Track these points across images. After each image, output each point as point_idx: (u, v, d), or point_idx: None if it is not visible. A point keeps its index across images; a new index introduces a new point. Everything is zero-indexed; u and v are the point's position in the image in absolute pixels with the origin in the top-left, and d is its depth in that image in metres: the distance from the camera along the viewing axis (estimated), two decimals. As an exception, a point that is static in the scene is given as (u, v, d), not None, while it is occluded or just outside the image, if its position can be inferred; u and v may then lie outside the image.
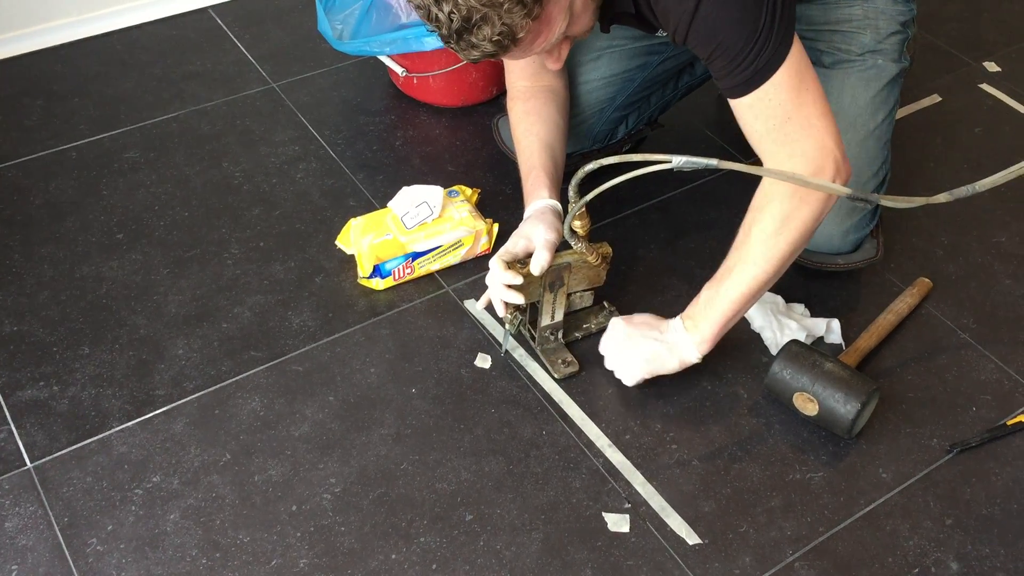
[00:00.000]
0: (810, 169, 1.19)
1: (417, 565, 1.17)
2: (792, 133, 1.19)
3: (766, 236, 1.21)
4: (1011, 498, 1.26)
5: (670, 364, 1.30)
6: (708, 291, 1.27)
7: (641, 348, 1.30)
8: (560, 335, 1.40)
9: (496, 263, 1.29)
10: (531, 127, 1.42)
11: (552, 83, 1.47)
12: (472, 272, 1.52)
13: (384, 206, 1.53)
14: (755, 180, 1.33)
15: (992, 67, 1.99)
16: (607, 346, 1.34)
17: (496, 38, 1.10)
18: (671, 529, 1.21)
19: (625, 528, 1.21)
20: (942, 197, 1.16)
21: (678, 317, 1.30)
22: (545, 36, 1.16)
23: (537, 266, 1.28)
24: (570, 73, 1.54)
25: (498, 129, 1.69)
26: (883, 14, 1.45)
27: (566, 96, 1.49)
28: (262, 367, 1.37)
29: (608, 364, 1.34)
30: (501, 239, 1.49)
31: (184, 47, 1.96)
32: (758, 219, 1.21)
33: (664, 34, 1.38)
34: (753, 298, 1.26)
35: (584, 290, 1.42)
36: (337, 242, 1.53)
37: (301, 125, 1.78)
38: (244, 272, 1.51)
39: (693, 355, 1.29)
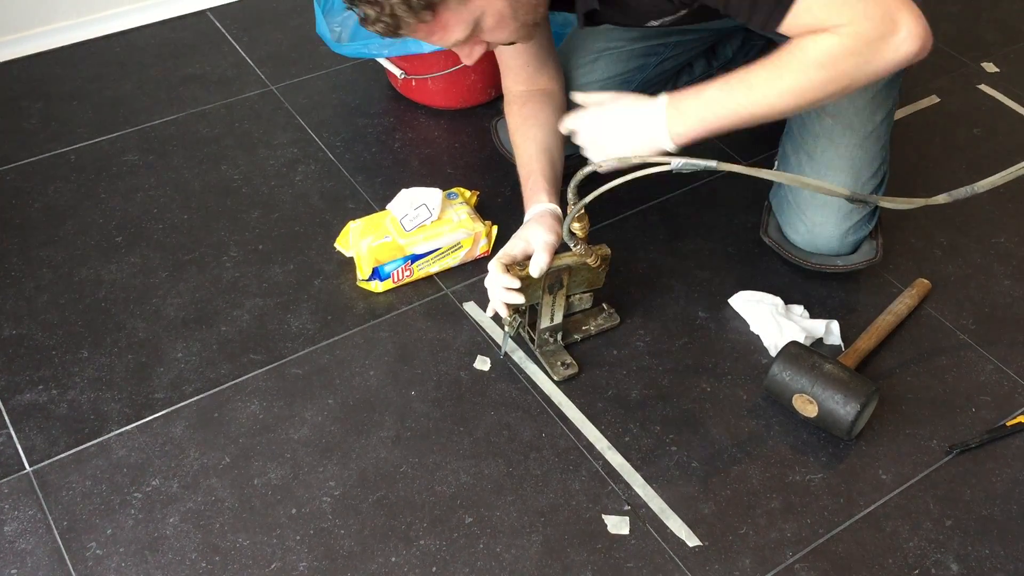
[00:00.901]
0: (870, 27, 1.09)
1: (417, 568, 1.17)
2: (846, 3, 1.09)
3: (803, 67, 1.13)
4: (1011, 499, 1.26)
5: (639, 139, 1.21)
6: (715, 90, 1.17)
7: (612, 116, 1.23)
8: (559, 337, 1.40)
9: (495, 266, 1.29)
10: (528, 131, 1.42)
11: (548, 86, 1.47)
12: (471, 274, 1.52)
13: (383, 208, 1.53)
14: (752, 183, 1.33)
15: (990, 68, 1.99)
16: (580, 119, 1.27)
17: (381, 22, 1.12)
18: (671, 531, 1.21)
19: (625, 530, 1.21)
20: (941, 198, 1.16)
21: (663, 94, 1.21)
22: (440, 36, 1.17)
23: (536, 268, 1.28)
24: (568, 76, 1.54)
25: (497, 131, 1.69)
26: None
27: (563, 99, 1.49)
28: (261, 370, 1.37)
29: (578, 138, 1.28)
30: (500, 241, 1.49)
31: (183, 50, 1.96)
32: (805, 46, 1.12)
33: (656, 23, 1.36)
34: (758, 119, 1.17)
35: (583, 292, 1.42)
36: (336, 245, 1.53)
37: (300, 128, 1.78)
38: (243, 275, 1.51)
39: (666, 140, 1.20)
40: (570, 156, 1.55)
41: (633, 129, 1.21)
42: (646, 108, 1.21)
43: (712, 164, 1.07)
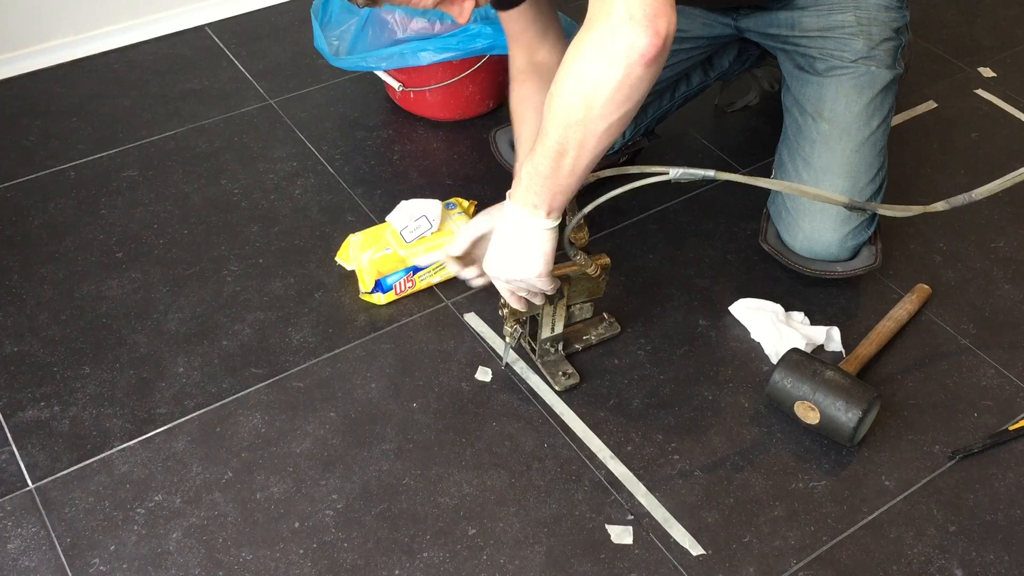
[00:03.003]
0: (594, 41, 1.00)
1: (421, 580, 1.17)
2: None
3: (554, 102, 1.07)
4: (1014, 504, 1.26)
5: (518, 237, 1.16)
6: (525, 168, 1.12)
7: (495, 239, 1.19)
8: (560, 347, 1.40)
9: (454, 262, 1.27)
10: (524, 114, 1.39)
11: (547, 59, 1.43)
12: (471, 285, 1.52)
13: (383, 221, 1.53)
14: (750, 191, 1.33)
15: (987, 72, 1.99)
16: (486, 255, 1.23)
17: None
18: (674, 540, 1.21)
19: (628, 540, 1.21)
20: (939, 206, 1.16)
21: (507, 196, 1.16)
22: None
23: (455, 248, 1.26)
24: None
25: (496, 142, 1.69)
26: (876, 21, 1.46)
27: None
28: (263, 384, 1.37)
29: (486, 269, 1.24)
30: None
31: (181, 65, 1.96)
32: (554, 82, 1.06)
33: None
34: (569, 161, 1.08)
35: (584, 302, 1.42)
36: (337, 258, 1.53)
37: (299, 141, 1.79)
38: (244, 289, 1.51)
39: (539, 219, 1.13)
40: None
41: (509, 241, 1.17)
42: (503, 218, 1.17)
43: (710, 174, 1.07)
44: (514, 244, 1.18)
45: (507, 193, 1.17)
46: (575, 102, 1.04)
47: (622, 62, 1.00)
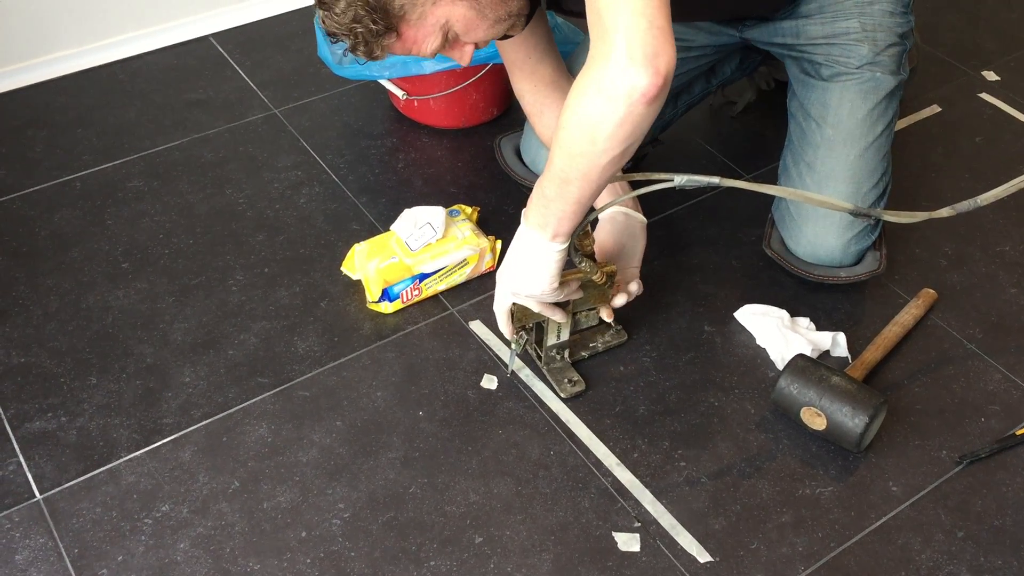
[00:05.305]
0: (597, 80, 1.03)
1: (428, 589, 1.17)
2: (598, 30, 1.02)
3: (560, 133, 1.10)
4: (1022, 508, 1.25)
5: (527, 260, 1.20)
6: (536, 188, 1.17)
7: (505, 262, 1.24)
8: (566, 354, 1.40)
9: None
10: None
11: (552, 75, 1.44)
12: (476, 292, 1.52)
13: (388, 229, 1.53)
14: (754, 196, 1.33)
15: (991, 76, 1.99)
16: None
17: (359, 48, 1.14)
18: (682, 547, 1.21)
19: (635, 547, 1.21)
20: (944, 212, 1.16)
21: (522, 215, 1.20)
22: (417, 49, 1.17)
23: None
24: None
25: (500, 149, 1.69)
26: (881, 27, 1.46)
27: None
28: (269, 393, 1.38)
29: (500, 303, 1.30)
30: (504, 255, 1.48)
31: (186, 75, 1.97)
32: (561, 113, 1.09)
33: None
34: (574, 189, 1.11)
35: (590, 309, 1.42)
36: (343, 268, 1.53)
37: (303, 150, 1.79)
38: (249, 298, 1.51)
39: (546, 243, 1.17)
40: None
41: (519, 257, 1.21)
42: (517, 235, 1.21)
43: (715, 180, 1.07)
44: (522, 262, 1.21)
45: (523, 211, 1.20)
46: (579, 136, 1.07)
47: (624, 102, 1.02)
